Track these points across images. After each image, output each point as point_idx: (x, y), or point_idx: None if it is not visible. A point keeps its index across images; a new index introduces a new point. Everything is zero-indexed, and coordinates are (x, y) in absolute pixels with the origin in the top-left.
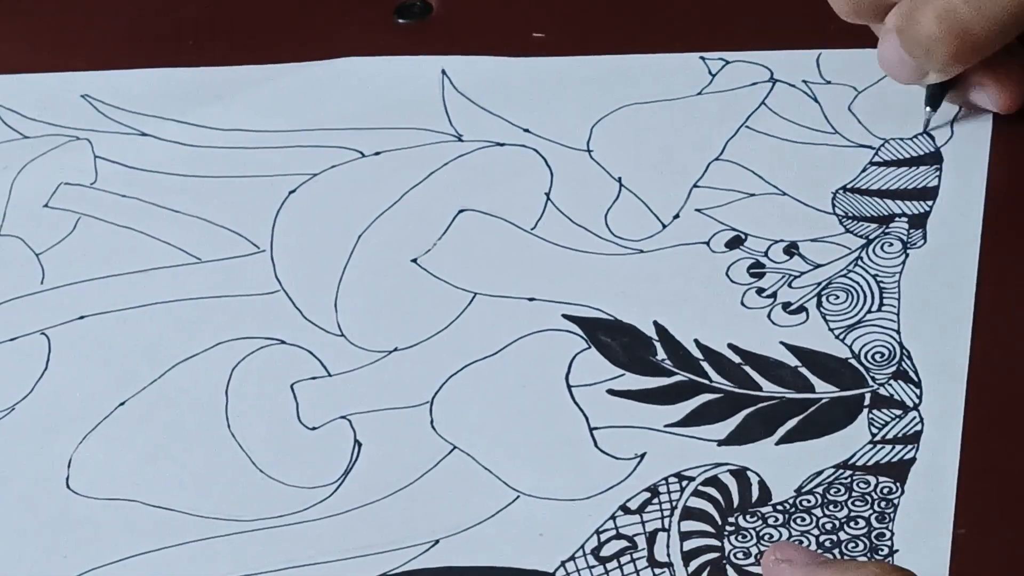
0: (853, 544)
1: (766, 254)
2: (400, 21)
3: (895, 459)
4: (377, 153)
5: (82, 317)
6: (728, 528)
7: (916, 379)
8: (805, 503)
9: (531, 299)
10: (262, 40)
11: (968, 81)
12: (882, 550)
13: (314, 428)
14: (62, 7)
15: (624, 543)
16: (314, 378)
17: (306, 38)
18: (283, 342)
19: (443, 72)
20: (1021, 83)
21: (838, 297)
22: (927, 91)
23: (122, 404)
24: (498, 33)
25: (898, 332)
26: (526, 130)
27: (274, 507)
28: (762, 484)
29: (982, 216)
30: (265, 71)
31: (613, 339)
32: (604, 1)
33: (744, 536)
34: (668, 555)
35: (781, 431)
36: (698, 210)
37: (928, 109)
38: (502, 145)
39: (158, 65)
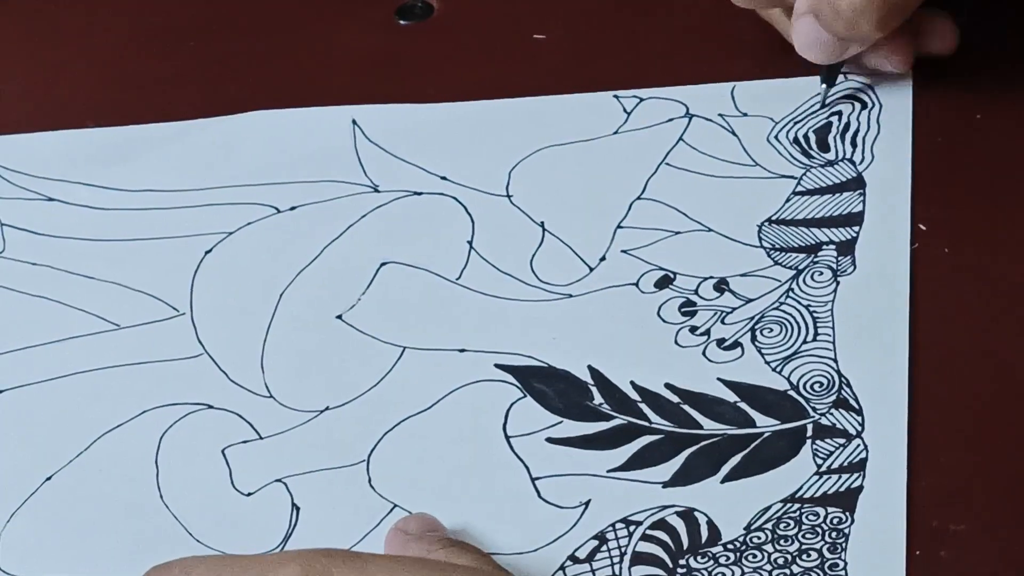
0: None
1: (696, 292)
2: (401, 23)
3: (842, 488)
4: (293, 208)
5: (0, 392)
6: (680, 570)
7: (857, 406)
8: (755, 540)
9: (462, 350)
10: (262, 41)
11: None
12: None
13: (249, 494)
14: (62, 7)
15: None
16: (245, 442)
17: (306, 39)
18: (211, 406)
19: (353, 122)
20: (910, 41)
21: (772, 330)
22: (822, 69)
23: (48, 479)
24: (499, 34)
25: (835, 361)
26: (443, 177)
27: None
28: (710, 524)
29: (910, 237)
30: (172, 128)
31: (548, 386)
32: (605, 2)
33: None
34: None
35: (725, 468)
36: (624, 251)
37: (824, 86)
38: (420, 194)
39: (157, 65)
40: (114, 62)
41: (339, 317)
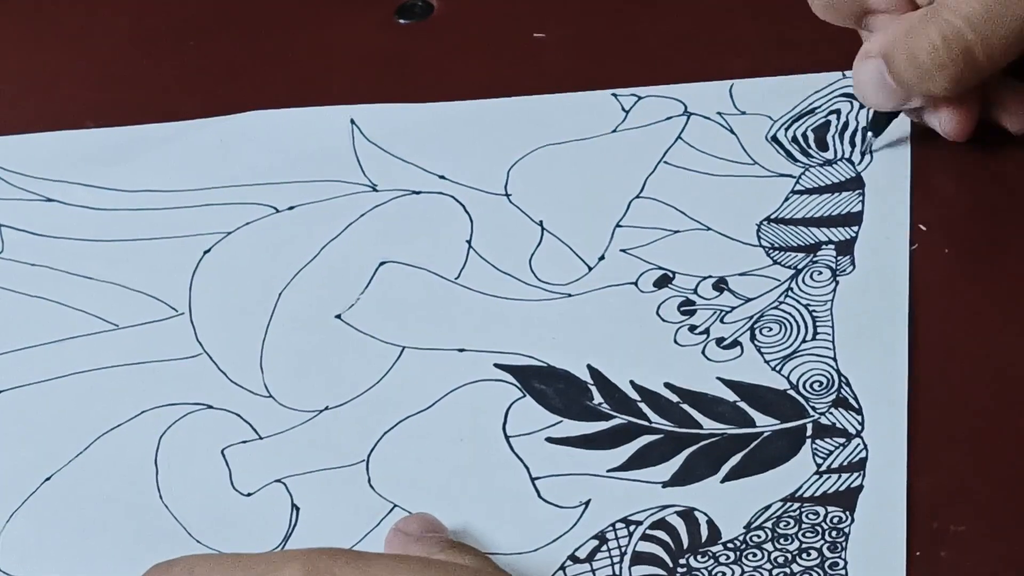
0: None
1: (695, 291)
2: (401, 22)
3: (842, 488)
4: (291, 208)
5: None
6: (680, 570)
7: (856, 406)
8: (755, 539)
9: (461, 350)
10: (262, 41)
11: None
12: None
13: (249, 494)
14: (61, 8)
15: None
16: (245, 442)
17: (306, 39)
18: (210, 407)
19: (352, 121)
20: (973, 109)
21: (771, 329)
22: (873, 116)
23: (48, 479)
24: (499, 34)
25: (835, 360)
26: (441, 176)
27: None
28: (711, 523)
29: (908, 237)
30: (170, 129)
31: (548, 386)
32: (605, 1)
33: None
34: None
35: (725, 468)
36: (623, 250)
37: (871, 134)
38: (418, 193)
39: (156, 65)
40: (113, 62)
41: (338, 317)
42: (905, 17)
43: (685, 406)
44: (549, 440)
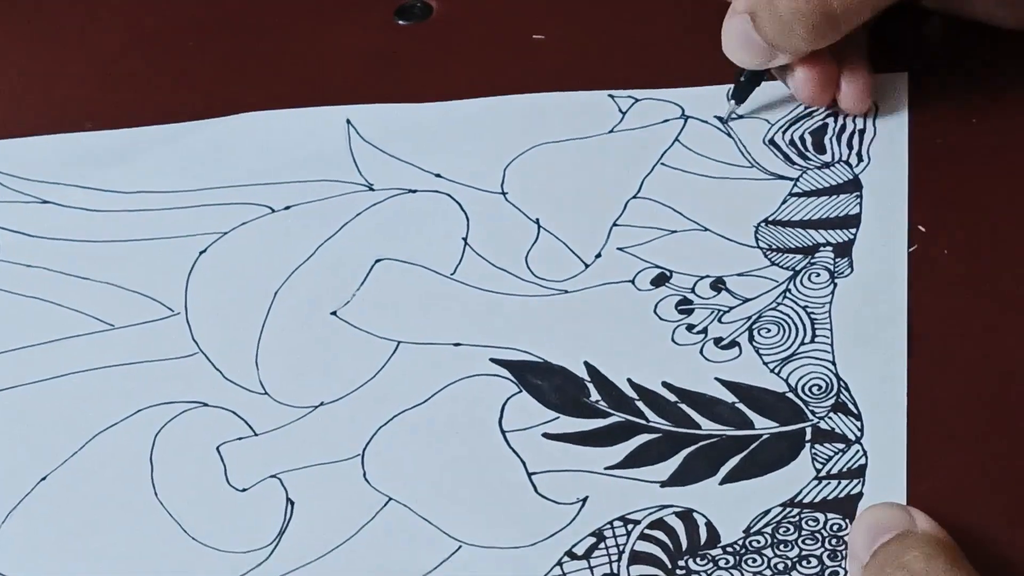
0: None
1: (693, 290)
2: (400, 23)
3: (842, 495)
4: (287, 207)
5: None
6: (679, 572)
7: (856, 411)
8: (755, 544)
9: (457, 344)
10: (261, 41)
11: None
12: None
13: (244, 490)
14: (61, 7)
15: None
16: (240, 439)
17: (305, 39)
18: (205, 404)
19: (348, 122)
20: (830, 77)
21: (770, 330)
22: (736, 86)
23: (43, 479)
24: (498, 35)
25: (833, 364)
26: (437, 175)
27: (210, 574)
28: (709, 526)
29: (907, 240)
30: (166, 131)
31: (544, 382)
32: (604, 3)
33: None
34: None
35: (724, 470)
36: (620, 249)
37: (733, 102)
38: (414, 192)
39: (153, 66)
40: (112, 63)
41: (333, 313)
42: None
43: (683, 406)
44: (546, 436)
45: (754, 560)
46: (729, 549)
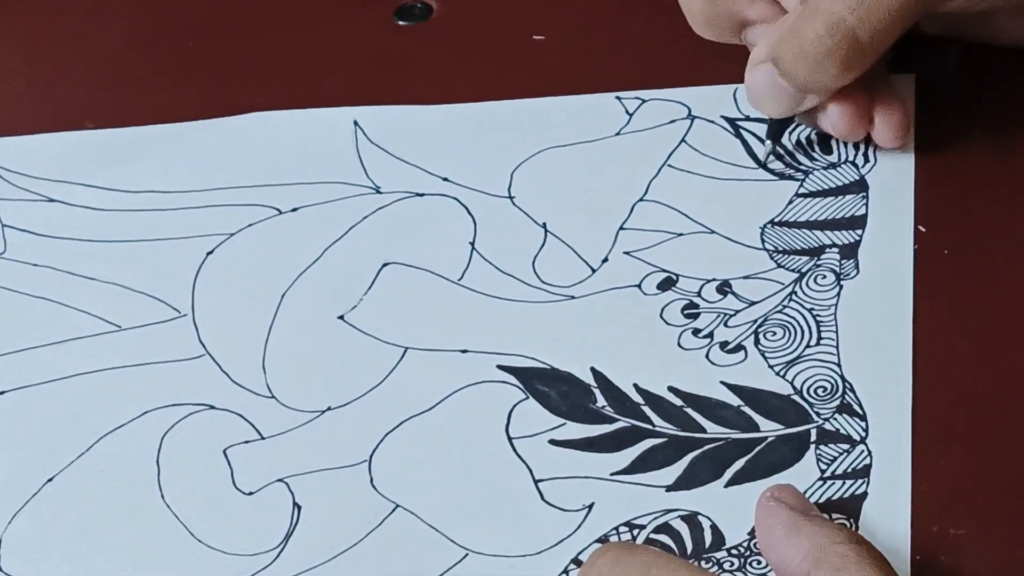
0: None
1: (699, 294)
2: (400, 23)
3: (846, 495)
4: (294, 209)
5: (2, 393)
6: None
7: (861, 412)
8: (758, 545)
9: (464, 351)
10: (261, 42)
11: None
12: None
13: (251, 493)
14: (62, 9)
15: None
16: (247, 442)
17: (305, 40)
18: (213, 407)
19: (355, 123)
20: (864, 110)
21: (775, 333)
22: (769, 124)
23: (50, 480)
24: (498, 35)
25: (839, 365)
26: (445, 179)
27: None
28: (714, 528)
29: (913, 241)
30: (173, 129)
31: (551, 388)
32: (605, 3)
33: None
34: None
35: (729, 473)
36: (627, 253)
37: (769, 142)
38: (422, 195)
39: (156, 67)
40: (113, 63)
41: (341, 318)
42: (784, 18)
43: (689, 410)
44: (552, 442)
45: (759, 562)
46: (734, 551)
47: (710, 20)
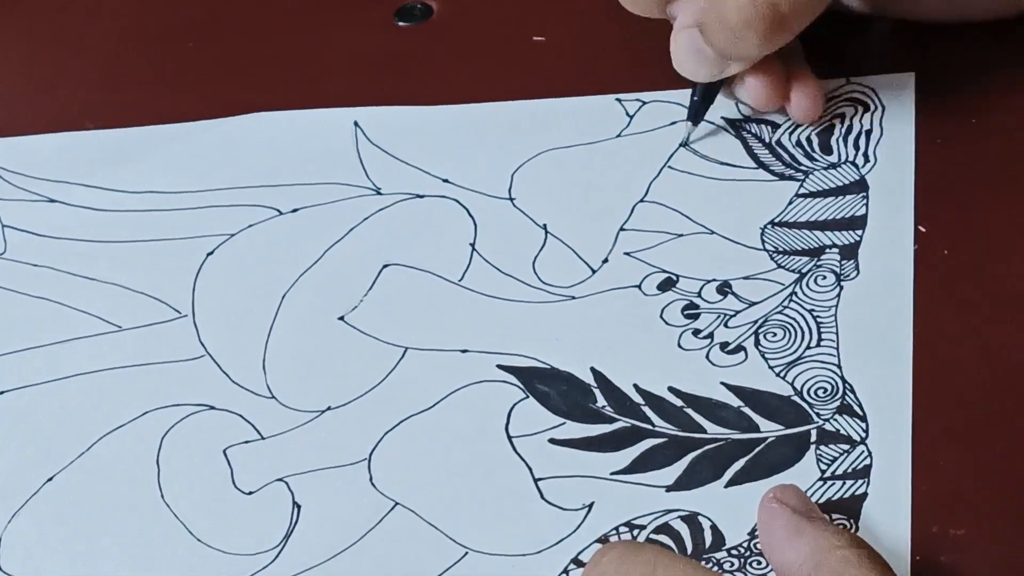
0: None
1: (699, 295)
2: (400, 24)
3: (847, 495)
4: (295, 210)
5: (1, 392)
6: None
7: (861, 413)
8: (760, 546)
9: (464, 351)
10: (260, 42)
11: (734, 78)
12: None
13: (250, 492)
14: (62, 8)
15: None
16: (247, 442)
17: (305, 41)
18: (213, 407)
19: (355, 124)
20: (780, 82)
21: (775, 334)
22: (690, 107)
23: (50, 479)
24: (498, 36)
25: (839, 366)
26: (445, 180)
27: None
28: (714, 529)
29: (913, 242)
30: (173, 130)
31: (551, 388)
32: (604, 4)
33: None
34: None
35: (729, 473)
36: (627, 253)
37: (689, 124)
38: (422, 197)
39: (156, 67)
40: (113, 63)
41: (341, 318)
42: None
43: (689, 410)
44: (552, 441)
45: (759, 562)
46: (734, 552)
47: None
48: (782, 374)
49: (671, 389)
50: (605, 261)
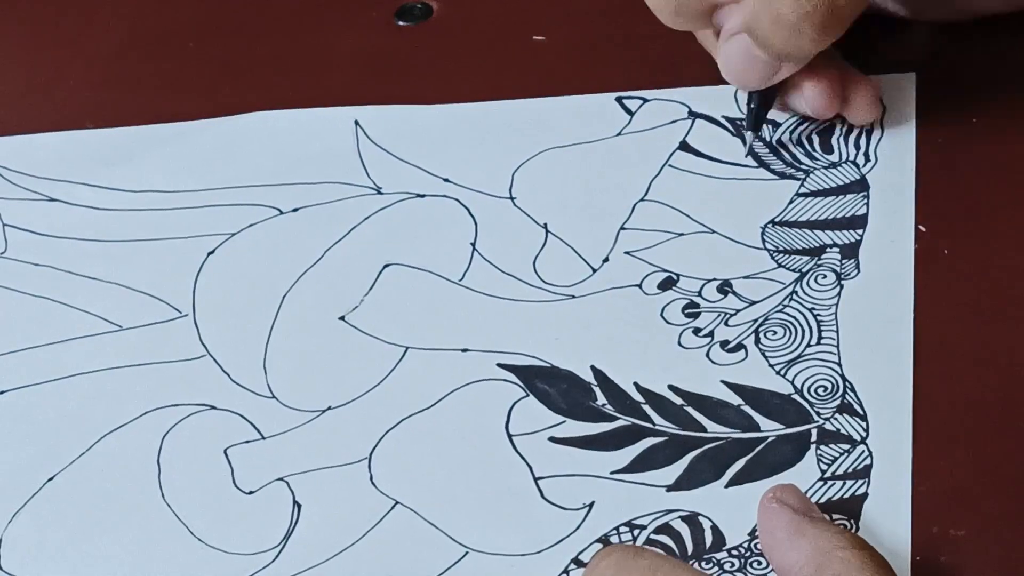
0: None
1: (700, 293)
2: (400, 24)
3: (847, 495)
4: (295, 209)
5: (2, 392)
6: None
7: (861, 412)
8: (760, 546)
9: (464, 350)
10: (261, 42)
11: (787, 86)
12: None
13: (251, 492)
14: (61, 7)
15: None
16: (248, 442)
17: (305, 40)
18: (213, 407)
19: (356, 123)
20: (835, 87)
21: (776, 333)
22: (747, 115)
23: (51, 479)
24: (498, 36)
25: (839, 365)
26: (446, 179)
27: None
28: (715, 529)
29: (914, 241)
30: (174, 129)
31: (551, 386)
32: (605, 3)
33: None
34: None
35: (730, 472)
36: (627, 252)
37: (750, 133)
38: (422, 196)
39: (156, 67)
40: (113, 63)
41: (342, 318)
42: None
43: (689, 409)
44: (552, 440)
45: (759, 563)
46: (735, 552)
47: (678, 9)
48: (782, 372)
49: (671, 387)
50: (606, 260)
